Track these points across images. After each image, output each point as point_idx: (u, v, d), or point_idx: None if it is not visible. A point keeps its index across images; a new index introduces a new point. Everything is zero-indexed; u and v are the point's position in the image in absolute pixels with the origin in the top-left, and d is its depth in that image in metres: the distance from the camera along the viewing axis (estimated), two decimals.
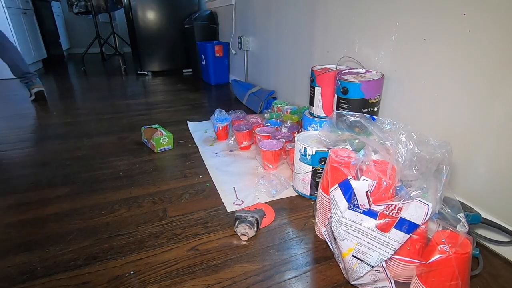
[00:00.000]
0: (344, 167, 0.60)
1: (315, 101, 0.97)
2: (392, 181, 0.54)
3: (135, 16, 2.61)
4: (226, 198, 0.87)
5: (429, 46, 0.76)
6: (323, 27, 1.18)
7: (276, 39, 1.60)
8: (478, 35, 0.64)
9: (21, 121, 1.56)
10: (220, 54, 2.36)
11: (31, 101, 1.93)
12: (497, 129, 0.63)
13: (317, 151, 0.78)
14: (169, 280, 0.59)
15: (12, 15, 2.64)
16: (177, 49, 2.86)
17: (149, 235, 0.72)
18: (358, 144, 0.65)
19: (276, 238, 0.71)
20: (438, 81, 0.75)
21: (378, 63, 0.93)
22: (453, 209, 0.52)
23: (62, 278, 0.60)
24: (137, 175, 0.99)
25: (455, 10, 0.68)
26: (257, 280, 0.59)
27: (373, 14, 0.93)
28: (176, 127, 1.44)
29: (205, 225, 0.75)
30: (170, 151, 1.18)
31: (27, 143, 1.27)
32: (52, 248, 0.68)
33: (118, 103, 1.90)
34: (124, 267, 0.62)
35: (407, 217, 0.50)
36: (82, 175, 1.00)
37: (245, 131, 1.14)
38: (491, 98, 0.63)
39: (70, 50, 4.86)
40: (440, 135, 0.77)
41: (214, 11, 2.60)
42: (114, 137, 1.33)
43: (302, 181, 0.85)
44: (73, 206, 0.83)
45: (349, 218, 0.54)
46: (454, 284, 0.47)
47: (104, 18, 4.51)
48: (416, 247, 0.51)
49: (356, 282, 0.56)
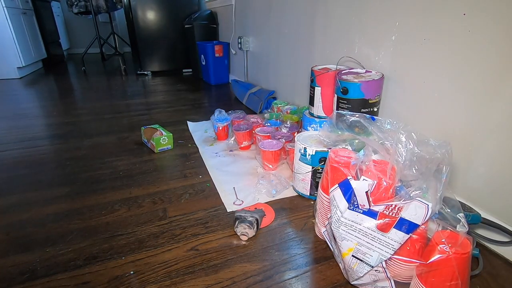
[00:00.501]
0: (344, 167, 0.60)
1: (315, 101, 0.97)
2: (392, 181, 0.54)
3: (135, 16, 2.61)
4: (226, 198, 0.87)
5: (429, 46, 0.76)
6: (323, 27, 1.18)
7: (276, 39, 1.60)
8: (478, 35, 0.64)
9: (21, 121, 1.56)
10: (220, 54, 2.36)
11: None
12: (497, 129, 0.63)
13: (317, 151, 0.78)
14: (169, 280, 0.59)
15: (12, 15, 2.64)
16: (177, 49, 2.86)
17: (149, 235, 0.72)
18: (358, 144, 0.65)
19: (276, 238, 0.71)
20: (438, 81, 0.75)
21: (378, 63, 0.93)
22: (453, 209, 0.52)
23: (62, 278, 0.60)
24: (137, 175, 0.99)
25: (455, 10, 0.68)
26: (257, 280, 0.59)
27: (373, 14, 0.93)
28: (176, 127, 1.44)
29: (205, 225, 0.75)
30: (170, 151, 1.18)
31: (27, 143, 1.27)
32: (52, 248, 0.68)
33: (118, 103, 1.90)
34: (124, 267, 0.62)
35: (407, 217, 0.50)
36: (82, 175, 1.00)
37: (245, 131, 1.14)
38: (491, 98, 0.63)
39: (70, 50, 4.86)
40: (440, 135, 0.77)
41: (214, 11, 2.60)
42: (114, 137, 1.33)
43: (302, 181, 0.85)
44: (73, 206, 0.83)
45: (349, 218, 0.54)
46: (454, 284, 0.47)
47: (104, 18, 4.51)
48: (416, 247, 0.51)
49: (356, 282, 0.56)
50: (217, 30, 2.65)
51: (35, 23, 3.22)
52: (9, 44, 2.65)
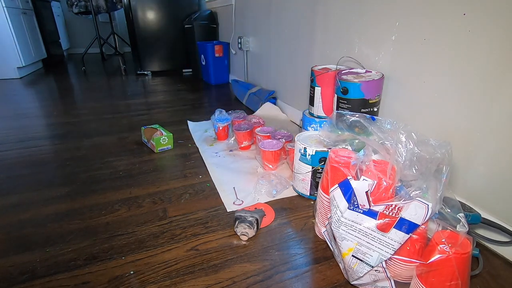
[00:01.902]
0: (344, 167, 0.60)
1: (315, 101, 0.97)
2: (392, 181, 0.54)
3: (135, 16, 2.61)
4: (226, 198, 0.87)
5: (429, 46, 0.76)
6: (323, 27, 1.18)
7: (276, 39, 1.60)
8: (478, 35, 0.64)
9: (21, 121, 1.56)
10: (220, 54, 2.36)
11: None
12: (497, 129, 0.63)
13: (317, 151, 0.78)
14: (169, 280, 0.59)
15: (12, 15, 2.64)
16: (177, 49, 2.86)
17: (149, 235, 0.72)
18: (358, 144, 0.65)
19: (276, 238, 0.71)
20: (438, 81, 0.75)
21: (378, 63, 0.93)
22: (453, 209, 0.52)
23: (62, 278, 0.60)
24: (137, 175, 0.99)
25: (455, 10, 0.68)
26: (257, 280, 0.59)
27: (373, 14, 0.93)
28: (176, 127, 1.44)
29: (205, 225, 0.75)
30: (170, 151, 1.18)
31: (27, 143, 1.27)
32: (52, 248, 0.68)
33: (118, 103, 1.90)
34: (124, 267, 0.62)
35: (407, 217, 0.50)
36: (82, 175, 1.00)
37: (245, 131, 1.14)
38: (491, 98, 0.63)
39: (70, 50, 4.86)
40: (440, 135, 0.77)
41: (214, 11, 2.60)
42: (114, 137, 1.33)
43: (302, 181, 0.85)
44: (73, 206, 0.83)
45: (349, 218, 0.54)
46: (454, 284, 0.47)
47: (104, 18, 4.51)
48: (416, 247, 0.51)
49: (356, 282, 0.56)
50: (217, 30, 2.65)
51: (35, 23, 3.22)
52: (9, 44, 2.65)
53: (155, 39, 2.74)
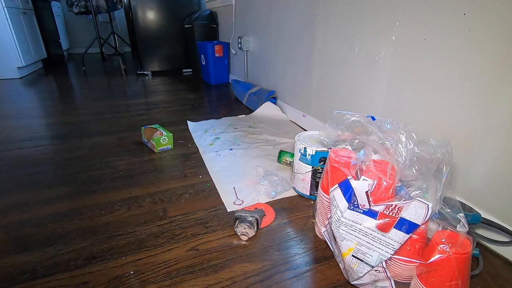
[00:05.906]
0: (344, 167, 0.60)
1: None
2: (392, 181, 0.54)
3: (135, 16, 2.61)
4: (226, 198, 0.87)
5: (429, 46, 0.76)
6: (323, 27, 1.18)
7: (276, 39, 1.60)
8: (478, 35, 0.64)
9: (21, 120, 1.56)
10: (220, 54, 2.36)
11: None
12: (497, 129, 0.63)
13: (317, 151, 0.78)
14: (169, 280, 0.59)
15: (12, 15, 2.64)
16: (177, 49, 2.86)
17: (149, 235, 0.72)
18: (358, 144, 0.65)
19: (276, 238, 0.71)
20: (438, 81, 0.75)
21: (378, 63, 0.93)
22: (453, 209, 0.52)
23: (62, 278, 0.60)
24: (137, 175, 0.99)
25: (455, 10, 0.68)
26: (257, 280, 0.59)
27: (373, 14, 0.93)
28: (176, 127, 1.44)
29: (205, 225, 0.75)
30: (170, 151, 1.18)
31: (26, 143, 1.27)
32: (52, 248, 0.68)
33: (118, 103, 1.90)
34: (124, 267, 0.62)
35: (407, 217, 0.50)
36: (82, 175, 1.00)
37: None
38: (491, 98, 0.63)
39: (70, 50, 4.86)
40: (440, 135, 0.77)
41: (214, 11, 2.60)
42: (114, 137, 1.33)
43: (302, 181, 0.85)
44: (73, 206, 0.83)
45: (349, 218, 0.54)
46: (454, 284, 0.47)
47: (104, 18, 4.51)
48: (416, 247, 0.51)
49: (356, 282, 0.56)
50: (217, 30, 2.65)
51: (35, 23, 3.22)
52: (9, 44, 2.65)
53: (155, 39, 2.74)
